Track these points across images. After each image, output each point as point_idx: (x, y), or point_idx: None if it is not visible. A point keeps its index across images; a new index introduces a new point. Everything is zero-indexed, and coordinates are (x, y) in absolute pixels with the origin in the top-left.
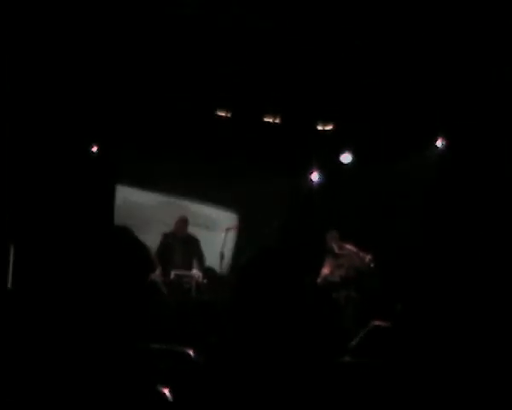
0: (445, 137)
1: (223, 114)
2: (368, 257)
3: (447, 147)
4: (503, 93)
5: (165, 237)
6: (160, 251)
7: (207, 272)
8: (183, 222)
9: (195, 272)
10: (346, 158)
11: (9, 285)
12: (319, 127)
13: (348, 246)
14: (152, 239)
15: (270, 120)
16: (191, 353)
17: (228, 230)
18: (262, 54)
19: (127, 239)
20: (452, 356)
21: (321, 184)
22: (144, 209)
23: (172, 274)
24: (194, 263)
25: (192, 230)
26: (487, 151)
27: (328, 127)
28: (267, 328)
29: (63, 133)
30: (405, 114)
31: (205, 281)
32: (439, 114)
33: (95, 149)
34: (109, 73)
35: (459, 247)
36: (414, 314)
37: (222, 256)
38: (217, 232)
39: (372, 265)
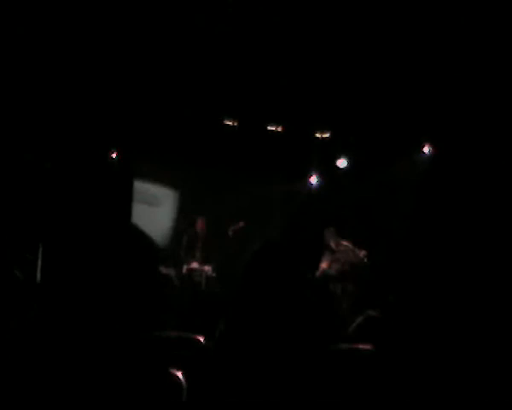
0: (432, 144)
1: (230, 123)
2: (362, 252)
3: (433, 152)
4: (488, 101)
5: (188, 235)
6: (185, 247)
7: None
8: (203, 222)
9: (206, 267)
10: (341, 163)
11: (38, 279)
12: (317, 135)
13: (344, 242)
14: None
15: (274, 129)
16: (201, 339)
17: (234, 228)
18: (267, 69)
19: (139, 237)
20: (442, 342)
21: (319, 187)
22: None
23: (185, 269)
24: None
25: (137, 206)
26: (471, 155)
27: (326, 135)
28: (270, 317)
29: (86, 142)
30: (395, 123)
31: (214, 275)
32: (425, 124)
33: (114, 155)
34: (130, 94)
35: (445, 242)
36: (404, 304)
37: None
38: (159, 208)
39: (366, 259)
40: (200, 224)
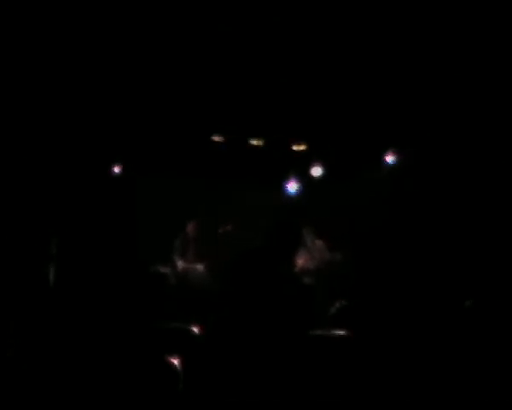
0: (396, 153)
1: (218, 139)
2: (334, 250)
3: (397, 162)
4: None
5: (182, 236)
6: (179, 248)
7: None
8: (197, 224)
9: (198, 265)
10: (316, 171)
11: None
12: (294, 148)
13: (319, 241)
14: None
15: (255, 143)
16: (196, 330)
17: (223, 231)
18: (249, 94)
19: (139, 242)
20: (407, 325)
21: (297, 192)
22: None
23: (180, 268)
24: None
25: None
26: (439, 162)
27: (302, 148)
28: (254, 309)
29: (93, 157)
30: (362, 137)
31: (206, 272)
32: (393, 135)
33: (117, 169)
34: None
35: (409, 239)
36: (373, 295)
37: None
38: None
39: (338, 256)
40: (190, 227)
